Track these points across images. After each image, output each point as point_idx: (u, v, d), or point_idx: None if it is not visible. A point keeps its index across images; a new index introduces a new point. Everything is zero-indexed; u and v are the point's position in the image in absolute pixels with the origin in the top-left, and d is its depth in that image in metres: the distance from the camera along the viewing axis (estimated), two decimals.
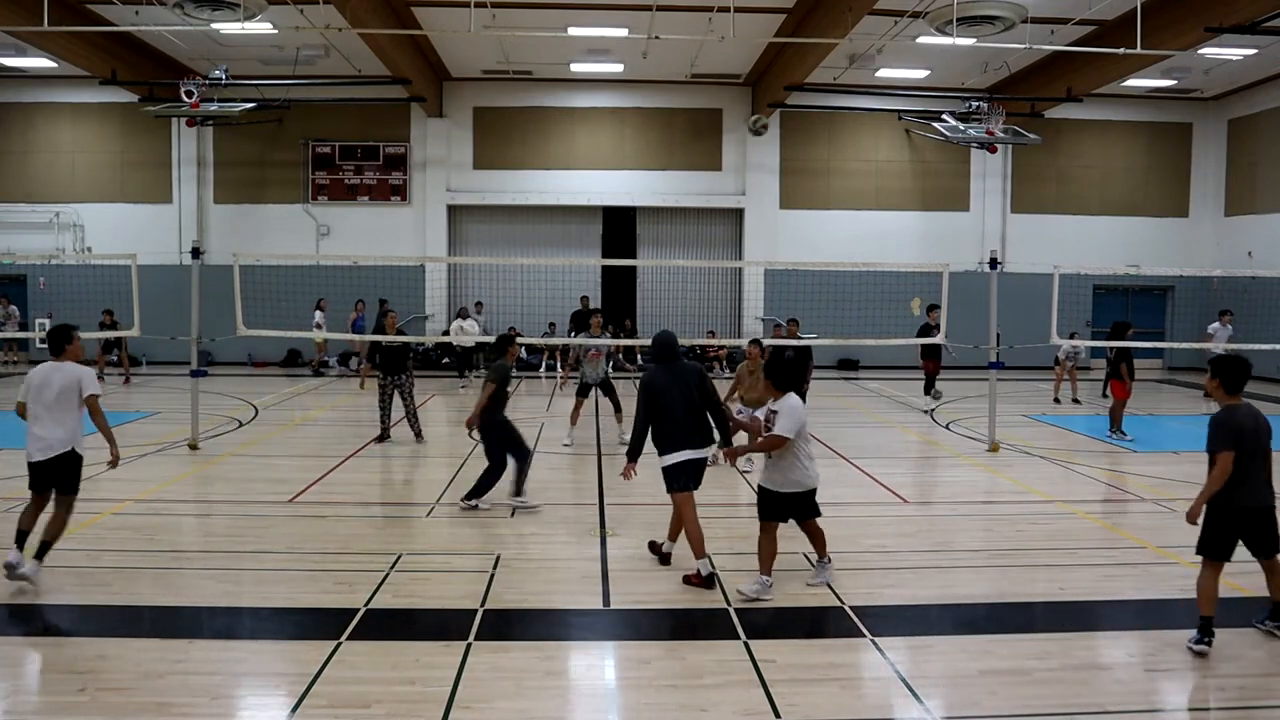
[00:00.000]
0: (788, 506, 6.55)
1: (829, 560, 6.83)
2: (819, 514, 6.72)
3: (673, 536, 7.27)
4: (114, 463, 6.93)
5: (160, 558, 7.28)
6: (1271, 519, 5.65)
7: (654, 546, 7.40)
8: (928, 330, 15.61)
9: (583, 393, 12.49)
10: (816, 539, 6.79)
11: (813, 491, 6.63)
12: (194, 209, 22.74)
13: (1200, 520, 5.78)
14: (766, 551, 6.50)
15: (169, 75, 19.77)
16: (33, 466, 6.53)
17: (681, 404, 6.85)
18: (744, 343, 11.81)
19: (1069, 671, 5.30)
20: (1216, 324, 17.90)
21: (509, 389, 9.05)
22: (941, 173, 23.67)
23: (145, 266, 12.82)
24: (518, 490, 8.86)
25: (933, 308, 15.67)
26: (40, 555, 6.40)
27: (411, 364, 12.72)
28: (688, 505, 6.89)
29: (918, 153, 23.59)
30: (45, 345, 6.82)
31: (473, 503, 8.74)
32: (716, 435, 7.09)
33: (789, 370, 6.61)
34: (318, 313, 20.96)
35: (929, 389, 16.29)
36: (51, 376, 6.62)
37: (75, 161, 22.80)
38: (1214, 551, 5.72)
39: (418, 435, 12.50)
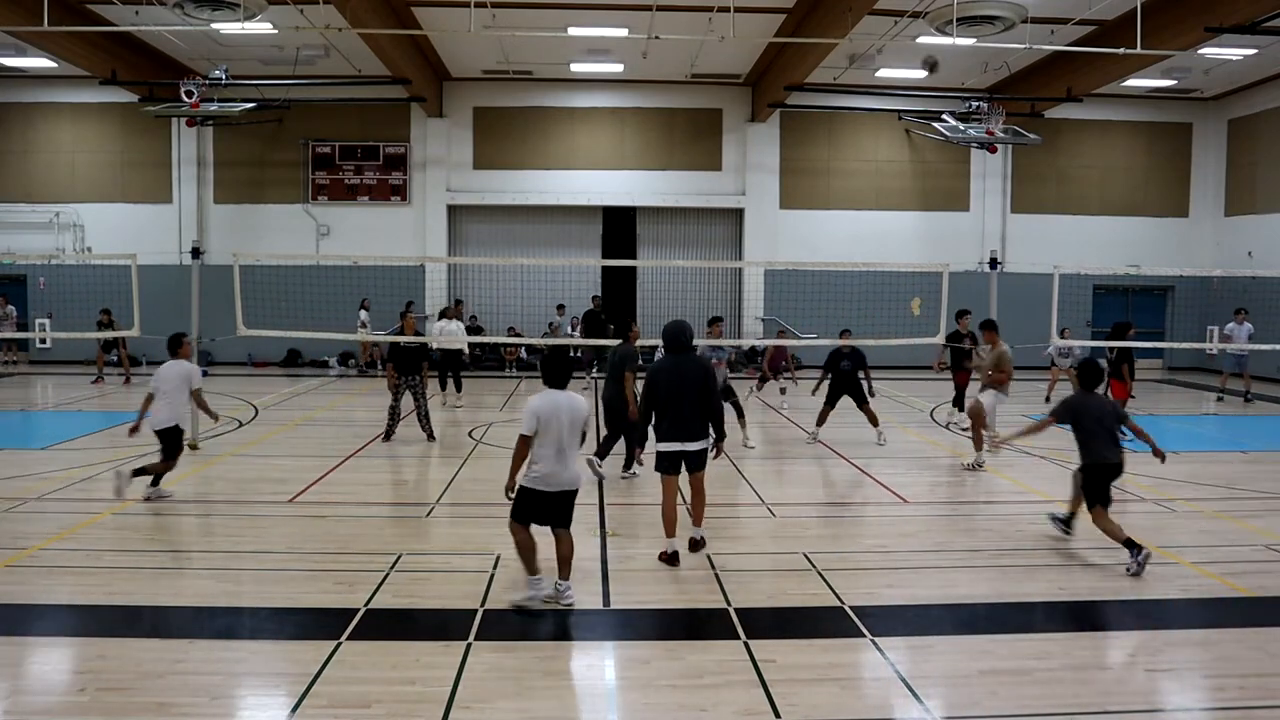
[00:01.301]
0: (537, 506, 6.21)
1: (567, 586, 6.27)
2: (566, 524, 6.36)
3: (698, 520, 7.50)
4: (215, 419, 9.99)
5: (160, 558, 7.29)
6: (1118, 470, 7.70)
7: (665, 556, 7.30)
8: (959, 338, 14.32)
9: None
10: (560, 549, 6.35)
11: (564, 495, 6.27)
12: (194, 209, 22.74)
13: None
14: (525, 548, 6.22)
15: (169, 75, 19.77)
16: (157, 433, 9.15)
17: (683, 398, 7.09)
18: (744, 343, 11.89)
19: (1069, 671, 5.30)
20: (1233, 324, 17.91)
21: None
22: (941, 173, 23.67)
23: (145, 266, 12.81)
24: (627, 465, 10.15)
25: (963, 314, 14.68)
26: (139, 474, 8.86)
27: (426, 365, 12.72)
28: (669, 489, 7.26)
29: (918, 153, 23.59)
30: (46, 345, 7.49)
31: (598, 461, 9.62)
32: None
33: (548, 367, 6.47)
34: (363, 312, 21.01)
35: (959, 402, 14.35)
36: (170, 370, 9.37)
37: (75, 161, 22.80)
38: (1098, 499, 7.49)
39: (429, 436, 12.47)
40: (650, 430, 7.44)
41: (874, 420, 12.79)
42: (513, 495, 6.26)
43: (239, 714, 4.84)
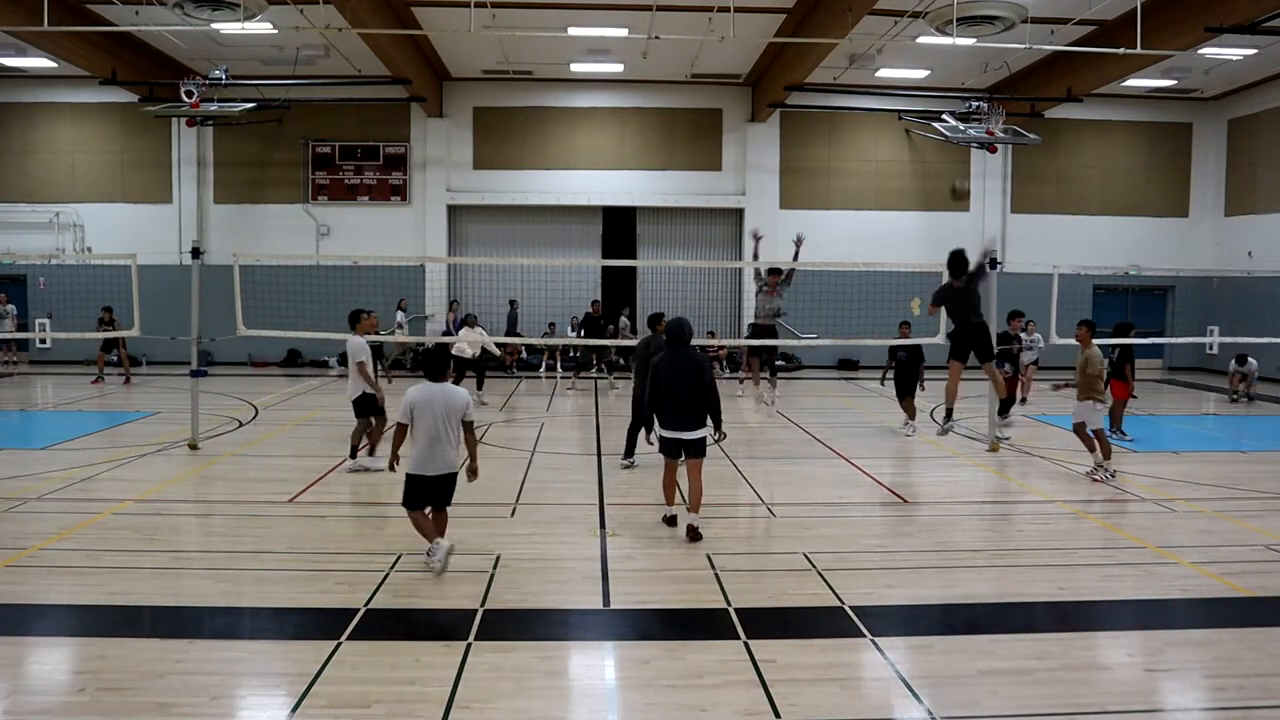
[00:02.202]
0: (421, 490, 6.89)
1: (441, 542, 6.90)
2: (443, 505, 7.09)
3: (694, 507, 7.96)
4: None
5: (160, 558, 7.28)
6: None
7: (670, 519, 8.20)
8: (1008, 340, 13.75)
9: None
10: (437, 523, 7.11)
11: (442, 479, 6.92)
12: (194, 209, 22.74)
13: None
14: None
15: (169, 75, 19.77)
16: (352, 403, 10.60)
17: (681, 389, 7.75)
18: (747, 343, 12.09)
19: (1069, 671, 5.30)
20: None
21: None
22: (941, 173, 23.67)
23: (145, 266, 12.82)
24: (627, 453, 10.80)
25: (1015, 314, 14.30)
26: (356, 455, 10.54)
27: (451, 367, 12.59)
28: (669, 468, 8.20)
29: (918, 153, 23.59)
30: (46, 345, 7.49)
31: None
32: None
33: (428, 363, 7.23)
34: (400, 313, 21.00)
35: (1005, 411, 12.93)
36: (350, 345, 10.58)
37: (75, 161, 22.80)
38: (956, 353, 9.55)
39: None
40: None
41: (911, 413, 13.41)
42: (395, 469, 7.27)
43: (239, 714, 4.84)
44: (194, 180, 22.79)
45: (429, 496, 6.92)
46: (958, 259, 10.50)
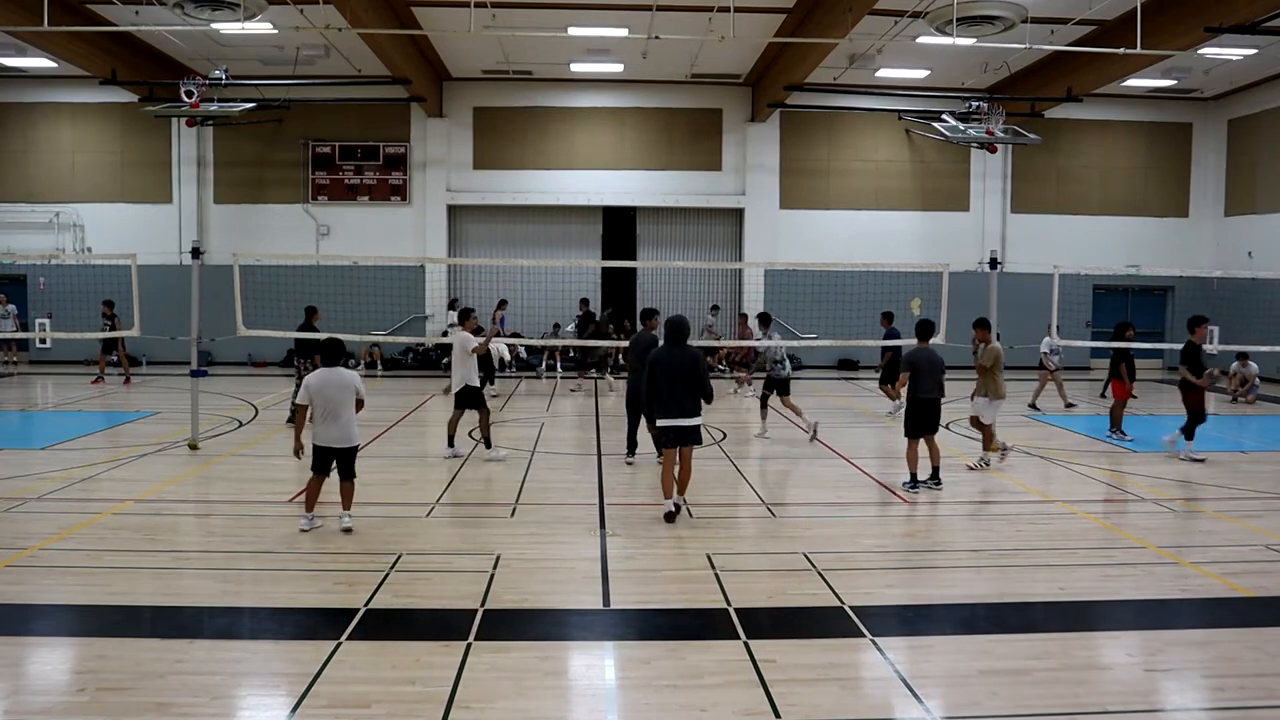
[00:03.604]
0: (324, 459, 8.01)
1: (348, 516, 7.98)
2: (347, 476, 8.06)
3: (681, 491, 8.56)
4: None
5: (160, 558, 7.28)
6: (937, 408, 9.83)
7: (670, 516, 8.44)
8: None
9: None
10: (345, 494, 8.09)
11: (343, 450, 8.00)
12: (194, 209, 22.73)
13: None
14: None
15: (169, 75, 19.77)
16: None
17: (678, 381, 8.29)
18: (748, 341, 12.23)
19: (1069, 671, 5.30)
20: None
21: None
22: (941, 173, 23.67)
23: (145, 266, 12.81)
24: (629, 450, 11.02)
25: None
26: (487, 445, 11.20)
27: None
28: (667, 460, 8.50)
29: (918, 153, 23.59)
30: (46, 345, 7.61)
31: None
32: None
33: (326, 350, 8.32)
34: (451, 313, 20.99)
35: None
36: (454, 338, 11.50)
37: (75, 161, 22.80)
38: (912, 431, 9.84)
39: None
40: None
41: (893, 396, 14.17)
42: (301, 456, 8.14)
43: (239, 714, 4.84)
44: (194, 180, 22.79)
45: (329, 465, 8.00)
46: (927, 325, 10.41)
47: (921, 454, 9.99)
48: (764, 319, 14.14)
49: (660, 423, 8.43)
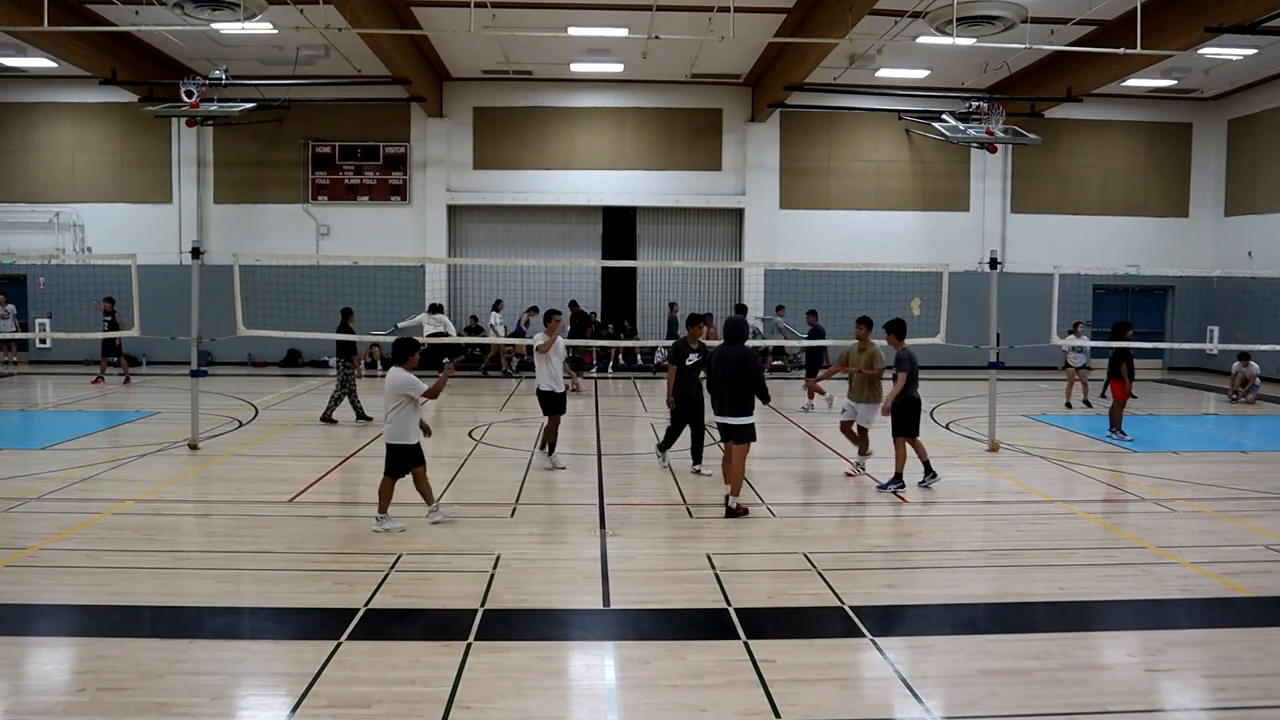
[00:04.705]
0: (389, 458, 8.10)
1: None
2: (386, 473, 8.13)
3: (732, 489, 8.70)
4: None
5: (160, 558, 7.28)
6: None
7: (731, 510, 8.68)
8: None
9: None
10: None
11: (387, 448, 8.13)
12: (194, 209, 22.73)
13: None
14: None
15: (169, 75, 19.77)
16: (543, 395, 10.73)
17: (728, 379, 8.53)
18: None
19: (1069, 671, 5.30)
20: None
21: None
22: (941, 173, 23.67)
23: (145, 266, 12.81)
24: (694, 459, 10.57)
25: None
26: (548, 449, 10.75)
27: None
28: (727, 454, 8.87)
29: (918, 153, 23.59)
30: (46, 345, 7.49)
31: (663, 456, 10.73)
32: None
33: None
34: (495, 314, 20.95)
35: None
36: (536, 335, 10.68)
37: (75, 161, 22.80)
38: (911, 430, 9.60)
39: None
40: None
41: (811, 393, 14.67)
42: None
43: (239, 714, 4.84)
44: (194, 180, 22.78)
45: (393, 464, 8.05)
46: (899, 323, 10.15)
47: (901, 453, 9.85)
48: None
49: (715, 420, 8.85)
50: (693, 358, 10.57)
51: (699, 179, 23.32)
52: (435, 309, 20.10)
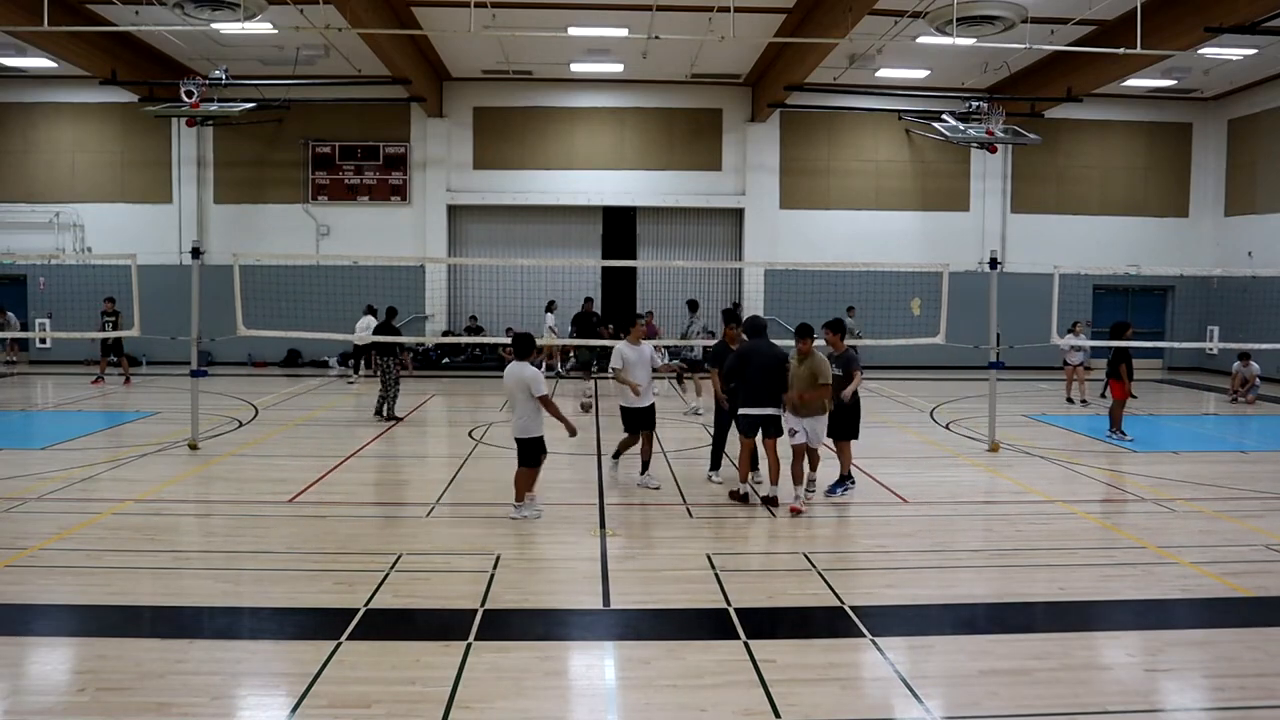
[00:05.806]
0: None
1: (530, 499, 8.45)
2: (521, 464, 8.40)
3: (774, 479, 9.10)
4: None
5: (160, 558, 7.28)
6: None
7: (735, 495, 9.16)
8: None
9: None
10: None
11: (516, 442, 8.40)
12: (194, 209, 22.72)
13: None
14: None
15: (169, 75, 19.76)
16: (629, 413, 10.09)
17: (765, 373, 8.85)
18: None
19: (1069, 671, 5.30)
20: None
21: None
22: (941, 173, 23.66)
23: (145, 266, 12.81)
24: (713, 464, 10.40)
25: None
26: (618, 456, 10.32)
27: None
28: (745, 447, 9.11)
29: (918, 153, 23.58)
30: (46, 345, 7.42)
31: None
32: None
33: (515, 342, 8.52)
34: (549, 315, 20.93)
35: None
36: (640, 354, 9.80)
37: (75, 161, 22.79)
38: (855, 433, 9.70)
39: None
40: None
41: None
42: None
43: (239, 714, 4.84)
44: (194, 180, 22.78)
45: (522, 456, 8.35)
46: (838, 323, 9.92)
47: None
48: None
49: (745, 411, 8.93)
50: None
51: (699, 179, 23.32)
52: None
